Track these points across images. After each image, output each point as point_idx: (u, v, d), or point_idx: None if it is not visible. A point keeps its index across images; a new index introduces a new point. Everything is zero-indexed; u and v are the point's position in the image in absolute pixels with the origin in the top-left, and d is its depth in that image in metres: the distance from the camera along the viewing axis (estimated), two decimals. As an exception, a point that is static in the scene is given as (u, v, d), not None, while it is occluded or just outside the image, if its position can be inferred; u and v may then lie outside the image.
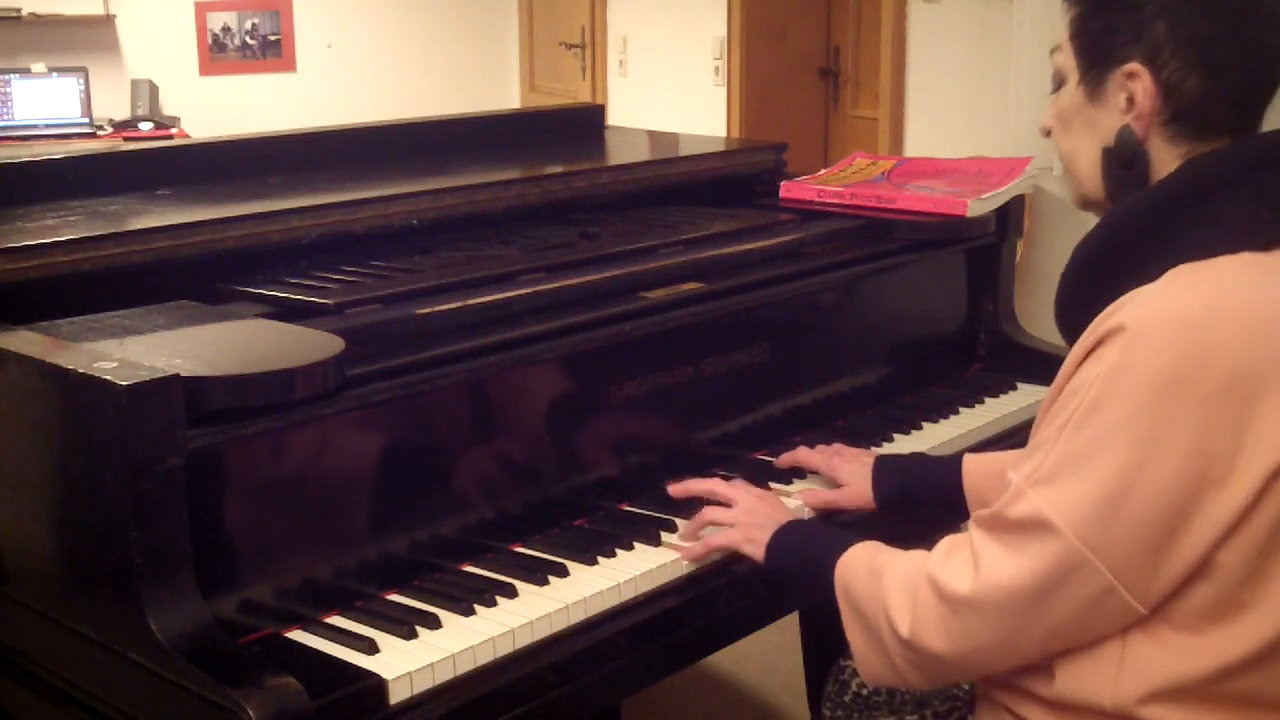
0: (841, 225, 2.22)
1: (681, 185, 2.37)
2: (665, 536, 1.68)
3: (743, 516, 1.63)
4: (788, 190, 2.38)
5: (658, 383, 1.80)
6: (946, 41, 4.16)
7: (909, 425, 2.07)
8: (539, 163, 2.40)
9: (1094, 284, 1.32)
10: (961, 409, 2.15)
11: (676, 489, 1.72)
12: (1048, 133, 1.45)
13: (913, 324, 2.26)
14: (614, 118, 4.93)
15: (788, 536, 1.58)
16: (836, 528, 1.63)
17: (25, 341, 1.44)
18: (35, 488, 1.43)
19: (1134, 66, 1.31)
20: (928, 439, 2.03)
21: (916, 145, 4.32)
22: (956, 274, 2.31)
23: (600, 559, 1.61)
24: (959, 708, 1.62)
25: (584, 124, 2.86)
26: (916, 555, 1.38)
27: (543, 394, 1.70)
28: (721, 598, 1.63)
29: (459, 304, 1.71)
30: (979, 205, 2.17)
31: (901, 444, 2.01)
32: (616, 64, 5.78)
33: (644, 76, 5.66)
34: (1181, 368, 1.19)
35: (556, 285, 1.82)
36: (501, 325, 1.69)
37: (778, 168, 2.52)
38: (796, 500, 1.78)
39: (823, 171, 2.48)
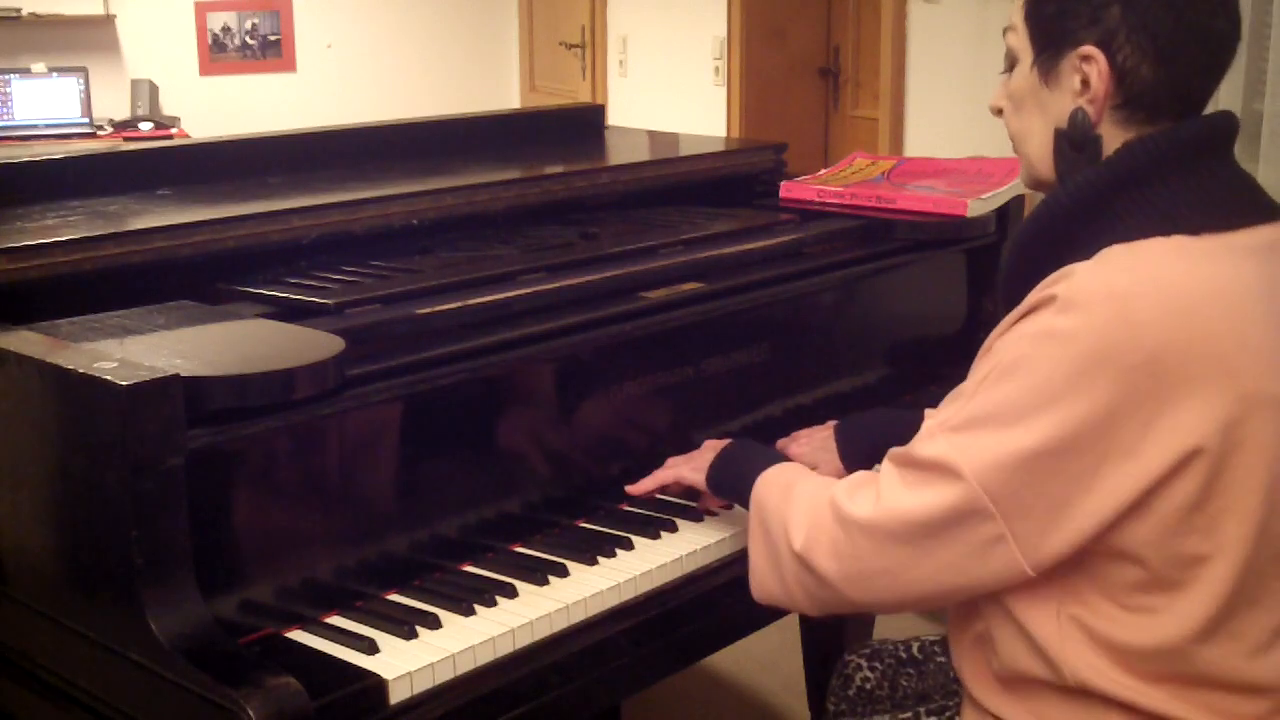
0: (841, 225, 2.22)
1: (681, 185, 2.37)
2: (665, 535, 1.68)
3: (694, 455, 1.70)
4: (788, 190, 2.38)
5: (658, 383, 1.80)
6: (946, 41, 4.16)
7: (909, 425, 2.07)
8: (539, 163, 2.40)
9: (1034, 260, 1.34)
10: (961, 409, 2.15)
11: (635, 489, 1.74)
12: (998, 111, 1.47)
13: (913, 324, 2.26)
14: (614, 118, 4.93)
15: (726, 455, 1.64)
16: (773, 450, 1.69)
17: (25, 341, 1.44)
18: (35, 488, 1.43)
19: (1089, 50, 1.32)
20: (928, 439, 2.03)
21: (916, 145, 4.31)
22: (956, 274, 2.31)
23: (600, 559, 1.61)
24: (959, 703, 1.62)
25: (584, 124, 2.86)
26: (828, 481, 1.44)
27: (543, 394, 1.70)
28: (721, 598, 1.63)
29: (459, 304, 1.71)
30: (979, 205, 2.17)
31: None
32: (616, 64, 5.78)
33: (644, 76, 5.66)
34: (1107, 339, 1.21)
35: (556, 285, 1.82)
36: (501, 325, 1.69)
37: (778, 168, 2.52)
38: None
39: (823, 171, 2.48)
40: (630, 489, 1.73)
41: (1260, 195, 1.36)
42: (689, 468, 1.69)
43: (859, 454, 1.77)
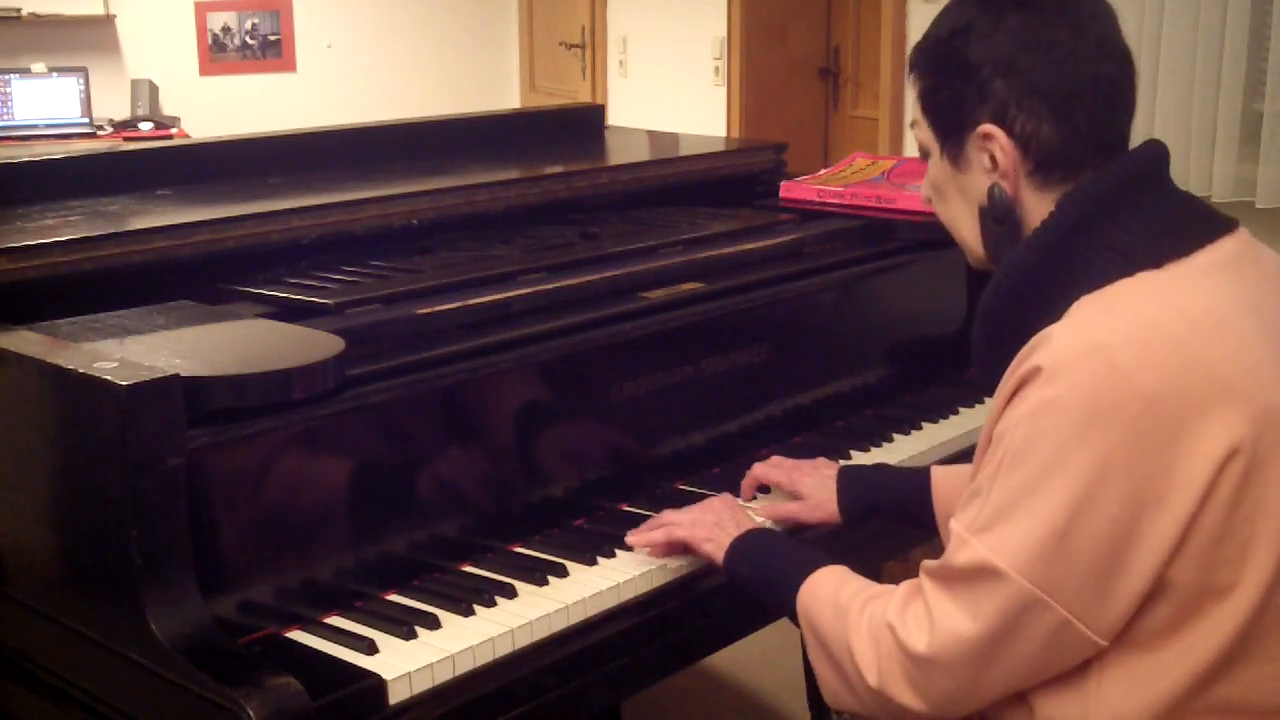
0: (841, 225, 2.22)
1: (681, 185, 2.37)
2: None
3: (703, 515, 1.62)
4: (788, 190, 2.38)
5: (658, 383, 1.80)
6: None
7: (909, 425, 2.07)
8: (539, 163, 2.40)
9: (1002, 332, 1.33)
10: (961, 409, 2.15)
11: (638, 541, 1.65)
12: (928, 201, 1.47)
13: (913, 324, 2.26)
14: (614, 118, 4.93)
15: (750, 544, 1.55)
16: (802, 544, 1.58)
17: (25, 341, 1.44)
18: (35, 488, 1.43)
19: (987, 128, 1.32)
20: (928, 439, 2.03)
21: (916, 145, 4.31)
22: (956, 274, 2.30)
23: (600, 559, 1.61)
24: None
25: (584, 124, 2.86)
26: (878, 599, 1.37)
27: (542, 394, 1.70)
28: (721, 598, 1.63)
29: (459, 304, 1.71)
30: (979, 205, 2.17)
31: (901, 444, 2.01)
32: (616, 64, 5.78)
33: (644, 76, 5.66)
34: (1101, 395, 1.19)
35: (556, 285, 1.82)
36: (501, 325, 1.69)
37: (778, 168, 2.52)
38: (759, 516, 1.72)
39: (823, 171, 2.48)
40: (632, 540, 1.64)
41: (1209, 211, 1.35)
42: (704, 536, 1.58)
43: (857, 504, 1.73)
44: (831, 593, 1.42)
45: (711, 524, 1.60)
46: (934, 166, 1.41)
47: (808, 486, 1.76)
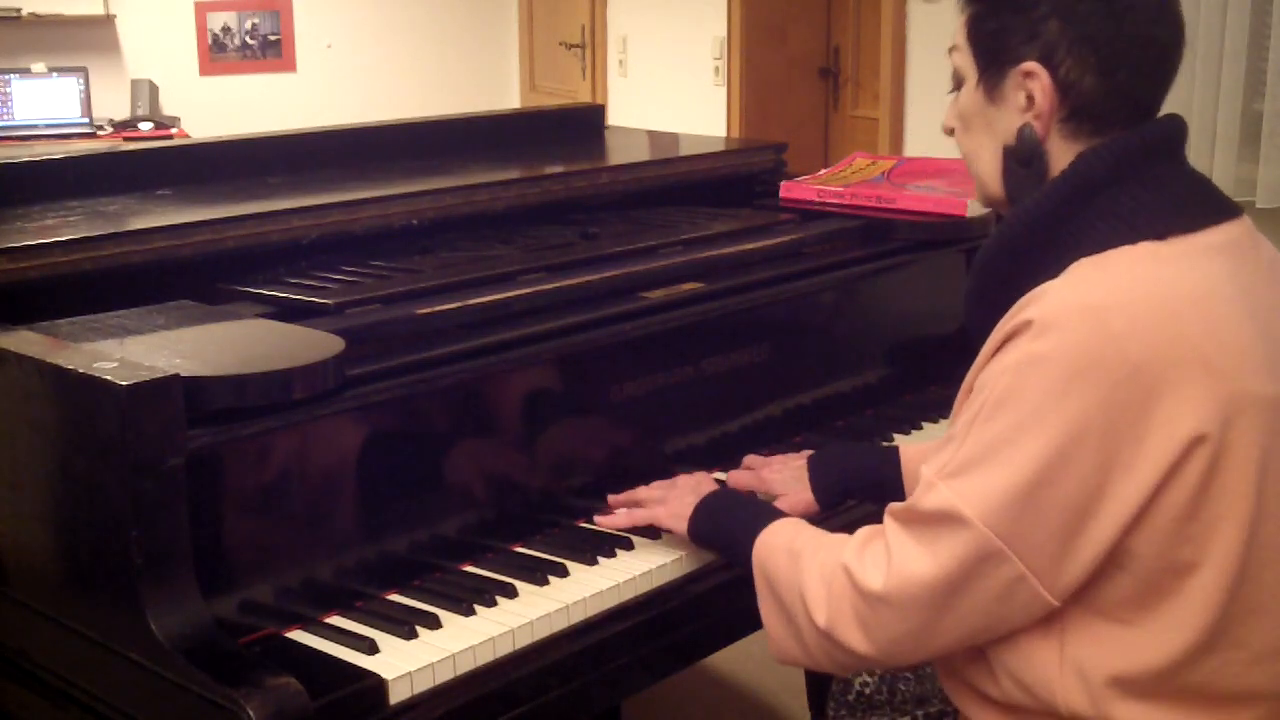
0: (841, 225, 2.22)
1: (681, 185, 2.37)
2: (665, 535, 1.67)
3: (669, 493, 1.65)
4: (788, 190, 2.38)
5: (658, 383, 1.80)
6: (946, 41, 4.16)
7: (909, 425, 2.07)
8: (539, 163, 2.40)
9: (999, 285, 1.33)
10: (961, 409, 2.15)
11: (606, 522, 1.68)
12: (950, 131, 1.46)
13: (913, 324, 2.26)
14: (614, 118, 4.93)
15: (710, 507, 1.58)
16: (760, 501, 1.62)
17: (25, 341, 1.44)
18: (35, 488, 1.43)
19: (1031, 66, 1.32)
20: (928, 439, 2.03)
21: (916, 145, 4.31)
22: (956, 274, 2.30)
23: (600, 559, 1.61)
24: (954, 709, 1.62)
25: (584, 124, 2.86)
26: (834, 542, 1.39)
27: (543, 394, 1.70)
28: (721, 598, 1.63)
29: (459, 304, 1.71)
30: (979, 205, 2.17)
31: (901, 444, 2.00)
32: (616, 64, 5.78)
33: (644, 76, 5.66)
34: (1088, 354, 1.20)
35: (556, 285, 1.82)
36: (501, 325, 1.69)
37: (778, 168, 2.52)
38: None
39: (823, 171, 2.48)
40: (601, 521, 1.67)
41: (1217, 194, 1.36)
42: (666, 513, 1.62)
43: (831, 488, 1.73)
44: (786, 540, 1.44)
45: (675, 499, 1.62)
46: (965, 95, 1.41)
47: (779, 484, 1.75)
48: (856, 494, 1.75)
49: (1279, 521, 1.26)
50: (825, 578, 1.35)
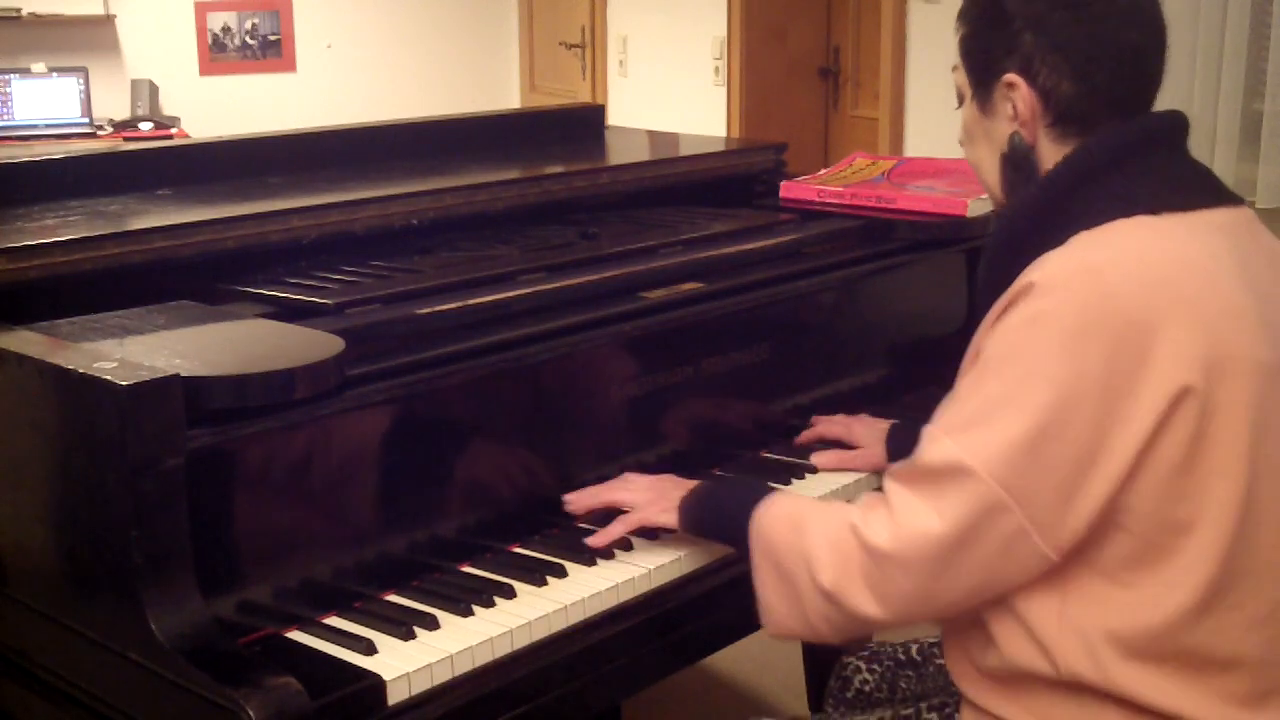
0: (841, 225, 2.22)
1: (681, 185, 2.37)
2: (664, 535, 1.67)
3: (647, 493, 1.65)
4: (788, 190, 2.38)
5: (658, 383, 1.80)
6: (946, 41, 4.16)
7: (909, 425, 2.07)
8: (539, 163, 2.40)
9: (1004, 271, 1.37)
10: (961, 409, 2.15)
11: (575, 506, 1.68)
12: (962, 144, 1.53)
13: (913, 324, 2.26)
14: (614, 118, 4.93)
15: (699, 494, 1.61)
16: (750, 479, 1.66)
17: (25, 341, 1.44)
18: (35, 488, 1.43)
19: (1011, 77, 1.40)
20: (927, 439, 2.03)
21: (916, 145, 4.31)
22: (956, 274, 2.30)
23: (599, 559, 1.61)
24: (958, 701, 1.62)
25: (584, 124, 2.86)
26: (839, 507, 1.42)
27: (542, 394, 1.70)
28: (721, 597, 1.63)
29: (459, 304, 1.71)
30: (979, 205, 2.17)
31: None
32: (616, 64, 5.78)
33: (644, 76, 5.66)
34: (1089, 311, 1.25)
35: (556, 285, 1.82)
36: (501, 325, 1.69)
37: (778, 168, 2.52)
38: (819, 462, 1.87)
39: (823, 171, 2.48)
40: (594, 541, 1.62)
41: (1216, 182, 1.41)
42: (656, 510, 1.62)
43: (902, 453, 1.75)
44: (788, 510, 1.46)
45: (657, 497, 1.64)
46: (965, 109, 1.49)
47: (861, 436, 1.88)
48: None
49: (1274, 486, 1.29)
50: (831, 540, 1.37)
